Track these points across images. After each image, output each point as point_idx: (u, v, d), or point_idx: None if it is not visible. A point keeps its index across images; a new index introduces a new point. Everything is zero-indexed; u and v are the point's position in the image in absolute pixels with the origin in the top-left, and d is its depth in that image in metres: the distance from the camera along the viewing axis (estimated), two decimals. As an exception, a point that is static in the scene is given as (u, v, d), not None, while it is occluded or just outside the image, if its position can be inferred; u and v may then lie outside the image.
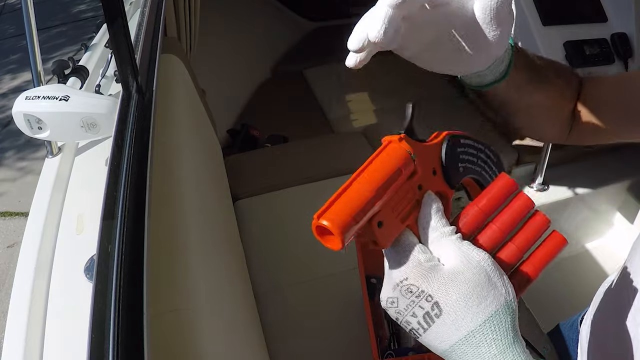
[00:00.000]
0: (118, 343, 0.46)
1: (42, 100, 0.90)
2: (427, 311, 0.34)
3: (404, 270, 0.36)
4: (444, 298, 0.34)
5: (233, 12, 2.40)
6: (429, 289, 0.34)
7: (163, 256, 0.68)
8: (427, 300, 0.34)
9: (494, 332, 0.34)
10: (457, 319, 0.34)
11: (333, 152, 1.66)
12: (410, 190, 0.37)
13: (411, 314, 0.35)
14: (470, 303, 0.34)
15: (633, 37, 1.53)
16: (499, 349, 0.34)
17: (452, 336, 0.34)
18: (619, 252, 1.76)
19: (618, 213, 1.80)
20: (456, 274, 0.35)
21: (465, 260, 0.35)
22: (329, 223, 0.32)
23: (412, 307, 0.35)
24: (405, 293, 0.35)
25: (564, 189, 1.71)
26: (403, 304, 0.35)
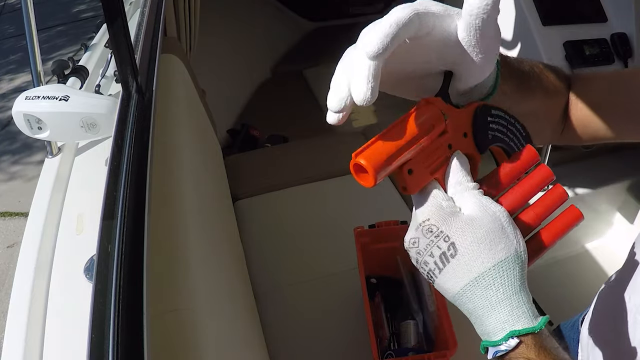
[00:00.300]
0: (118, 343, 0.46)
1: (42, 100, 0.90)
2: (443, 251, 0.37)
3: (426, 212, 0.38)
4: (460, 239, 0.37)
5: (233, 12, 2.40)
6: (447, 230, 0.37)
7: (163, 256, 0.68)
8: (444, 240, 0.37)
9: (502, 277, 0.36)
10: (470, 260, 0.36)
11: (333, 152, 1.66)
12: (440, 146, 0.41)
13: (429, 253, 0.38)
14: (482, 246, 0.37)
15: (633, 37, 1.52)
16: (505, 294, 0.36)
17: (465, 277, 0.37)
18: (619, 252, 1.76)
19: (618, 213, 1.80)
20: (473, 219, 0.37)
21: (483, 209, 0.38)
22: (365, 161, 0.36)
23: (430, 247, 0.38)
24: (426, 232, 0.38)
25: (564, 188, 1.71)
26: (423, 243, 0.38)
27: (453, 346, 0.84)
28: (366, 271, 1.00)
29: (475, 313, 0.37)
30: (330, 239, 1.27)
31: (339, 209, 1.39)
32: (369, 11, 3.05)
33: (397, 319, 1.04)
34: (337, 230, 1.22)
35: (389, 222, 1.05)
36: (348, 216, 1.30)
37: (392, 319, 1.06)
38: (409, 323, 1.00)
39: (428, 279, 0.40)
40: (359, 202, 1.40)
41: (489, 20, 0.37)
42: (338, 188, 1.47)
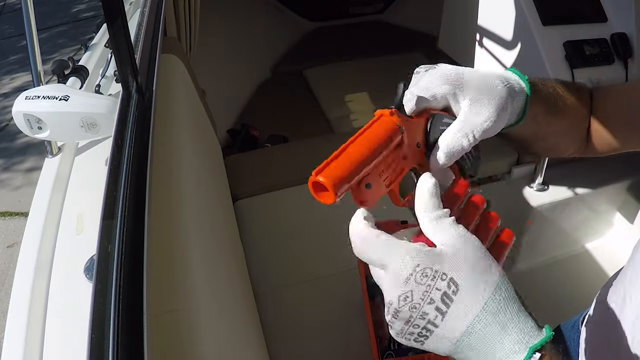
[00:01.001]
0: (118, 343, 0.46)
1: (42, 100, 0.90)
2: (444, 291, 0.34)
3: (411, 261, 0.35)
4: (457, 272, 0.35)
5: (233, 12, 2.40)
6: (442, 267, 0.35)
7: (163, 256, 0.68)
8: (442, 279, 0.34)
9: (505, 298, 0.35)
10: (473, 289, 0.34)
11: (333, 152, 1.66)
12: (396, 159, 0.42)
13: (428, 301, 0.34)
14: (478, 273, 0.35)
15: (633, 37, 1.53)
16: (513, 313, 0.35)
17: (472, 309, 0.34)
18: (619, 252, 1.76)
19: (618, 213, 1.80)
20: (458, 250, 0.36)
21: (463, 239, 0.36)
22: (324, 179, 0.36)
23: (429, 293, 0.35)
24: (420, 279, 0.35)
25: (564, 189, 1.71)
26: (418, 293, 0.35)
27: (453, 346, 0.84)
28: (366, 271, 1.00)
29: (484, 345, 0.34)
30: (330, 239, 1.26)
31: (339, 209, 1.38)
32: (368, 11, 3.06)
33: (397, 319, 1.04)
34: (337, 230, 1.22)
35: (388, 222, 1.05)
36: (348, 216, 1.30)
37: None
38: (409, 323, 1.00)
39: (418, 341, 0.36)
40: (359, 202, 1.40)
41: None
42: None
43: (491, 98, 0.45)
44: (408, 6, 3.03)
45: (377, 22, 3.06)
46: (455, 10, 2.01)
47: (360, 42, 2.84)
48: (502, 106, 0.46)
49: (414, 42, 2.68)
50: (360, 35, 2.92)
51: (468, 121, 0.44)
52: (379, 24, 3.06)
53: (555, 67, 1.48)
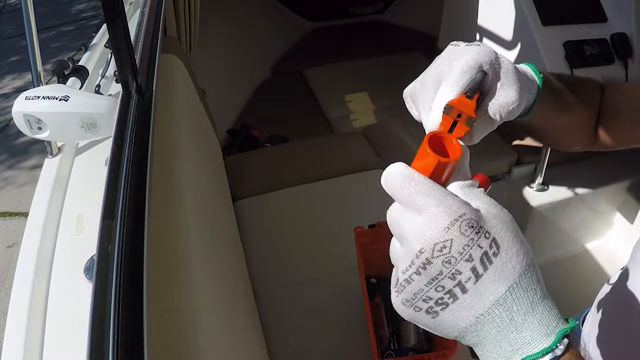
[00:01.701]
0: (118, 343, 0.46)
1: (41, 100, 0.90)
2: (485, 250, 0.30)
3: (458, 208, 0.31)
4: (502, 234, 0.31)
5: (233, 12, 2.40)
6: (486, 225, 0.31)
7: (163, 256, 0.68)
8: (485, 237, 0.31)
9: (536, 276, 0.32)
10: (513, 256, 0.31)
11: (333, 152, 1.66)
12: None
13: (467, 257, 0.30)
14: (519, 242, 0.32)
15: (633, 37, 1.53)
16: (542, 293, 0.32)
17: (508, 279, 0.31)
18: (618, 252, 1.76)
19: (618, 213, 1.80)
20: (498, 214, 0.33)
21: (498, 207, 0.34)
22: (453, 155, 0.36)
23: (469, 248, 0.30)
24: (465, 230, 0.30)
25: (564, 189, 1.71)
26: (459, 245, 0.30)
27: (453, 346, 0.84)
28: (366, 271, 1.00)
29: (510, 323, 0.31)
30: (330, 239, 1.27)
31: (339, 209, 1.39)
32: (368, 11, 3.06)
33: (397, 319, 1.04)
34: (337, 230, 1.22)
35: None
36: (348, 216, 1.30)
37: (392, 319, 1.06)
38: (409, 323, 1.00)
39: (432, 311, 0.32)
40: (359, 202, 1.40)
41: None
42: (338, 188, 1.47)
43: (518, 84, 0.46)
44: (408, 6, 3.03)
45: (377, 22, 3.06)
46: (455, 10, 2.01)
47: (360, 42, 2.84)
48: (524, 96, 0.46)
49: (414, 42, 2.68)
50: (360, 35, 2.92)
51: (500, 96, 0.45)
52: (379, 24, 3.06)
53: (555, 67, 1.48)
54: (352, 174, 1.51)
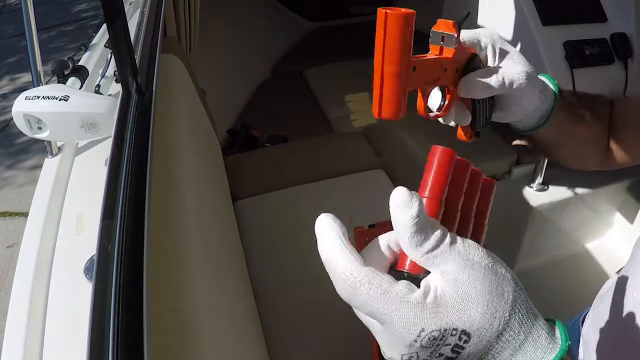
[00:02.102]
0: (118, 343, 0.46)
1: (41, 100, 0.90)
2: (455, 344, 0.31)
3: (415, 324, 0.30)
4: (468, 321, 0.30)
5: (233, 12, 2.40)
6: (451, 324, 0.30)
7: (163, 256, 0.68)
8: (451, 334, 0.30)
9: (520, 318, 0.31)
10: (486, 329, 0.31)
11: (333, 152, 1.66)
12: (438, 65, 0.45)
13: (437, 355, 0.31)
14: (491, 309, 0.31)
15: (633, 37, 1.53)
16: (526, 332, 0.31)
17: (486, 345, 0.31)
18: (618, 252, 1.76)
19: (618, 213, 1.80)
20: (465, 288, 0.31)
21: (470, 267, 0.31)
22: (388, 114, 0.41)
23: (437, 351, 0.31)
24: (427, 344, 0.30)
25: (564, 189, 1.71)
26: (424, 354, 0.31)
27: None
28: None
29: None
30: (330, 239, 1.26)
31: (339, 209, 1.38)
32: (368, 11, 3.05)
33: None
34: (337, 230, 1.22)
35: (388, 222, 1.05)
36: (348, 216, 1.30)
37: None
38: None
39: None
40: (359, 202, 1.40)
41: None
42: (338, 188, 1.47)
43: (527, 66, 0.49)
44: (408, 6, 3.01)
45: (377, 22, 3.06)
46: (455, 10, 2.01)
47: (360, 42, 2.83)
48: (534, 84, 0.50)
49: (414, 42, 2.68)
50: (360, 35, 2.91)
51: (504, 67, 0.49)
52: (379, 24, 3.05)
53: (555, 67, 1.49)
54: (352, 174, 1.51)
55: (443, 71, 0.46)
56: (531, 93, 0.50)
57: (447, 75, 0.46)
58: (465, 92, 0.48)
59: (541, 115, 0.54)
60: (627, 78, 1.52)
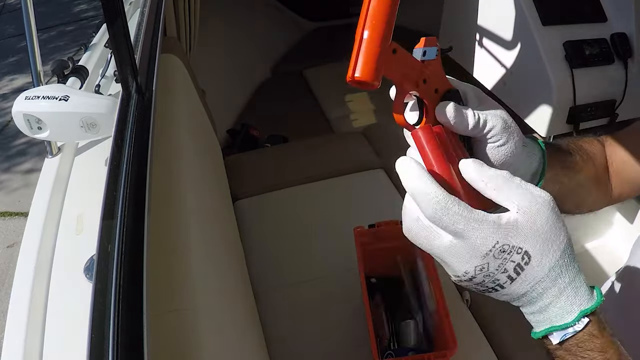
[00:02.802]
0: (118, 343, 0.46)
1: (41, 100, 0.90)
2: (517, 263, 0.37)
3: (490, 237, 0.37)
4: (532, 245, 0.37)
5: (233, 12, 2.40)
6: (518, 242, 0.37)
7: (163, 256, 0.68)
8: (517, 252, 0.37)
9: (567, 263, 0.38)
10: (542, 259, 0.37)
11: (333, 152, 1.66)
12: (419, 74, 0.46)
13: (502, 270, 0.37)
14: (550, 242, 0.37)
15: (633, 37, 1.52)
16: (570, 277, 0.38)
17: (537, 275, 0.38)
18: (618, 252, 1.75)
19: (618, 213, 1.79)
20: (533, 217, 0.37)
21: (535, 201, 0.38)
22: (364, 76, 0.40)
23: (503, 265, 0.37)
24: (498, 255, 0.37)
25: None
26: (494, 265, 0.37)
27: (453, 346, 0.84)
28: (366, 271, 1.00)
29: (538, 303, 0.39)
30: (330, 239, 1.26)
31: (339, 209, 1.39)
32: (369, 11, 3.05)
33: (397, 319, 1.04)
34: (337, 230, 1.22)
35: (388, 222, 1.05)
36: (348, 216, 1.30)
37: (392, 318, 1.06)
38: (409, 323, 1.00)
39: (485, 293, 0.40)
40: (359, 202, 1.40)
41: None
42: (338, 188, 1.47)
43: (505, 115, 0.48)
44: (408, 6, 3.01)
45: (377, 22, 3.06)
46: (455, 10, 2.01)
47: (360, 42, 2.84)
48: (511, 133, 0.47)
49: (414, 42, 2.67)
50: (360, 35, 2.92)
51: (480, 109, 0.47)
52: (379, 24, 3.05)
53: (555, 67, 1.48)
54: (352, 174, 1.51)
55: (422, 81, 0.46)
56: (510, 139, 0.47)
57: (426, 89, 0.46)
58: (441, 116, 0.46)
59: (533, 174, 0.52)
60: (627, 78, 1.52)
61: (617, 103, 1.55)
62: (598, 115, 1.56)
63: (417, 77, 0.46)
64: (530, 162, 0.51)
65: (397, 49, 0.43)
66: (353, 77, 0.40)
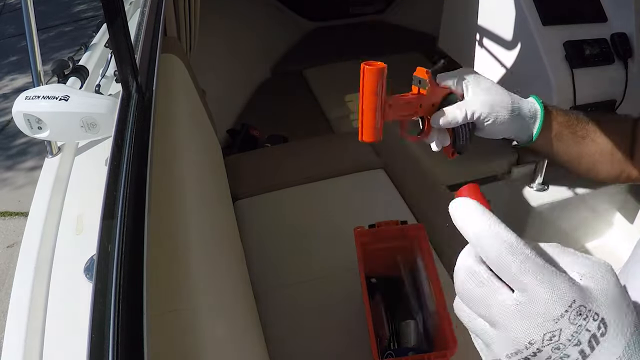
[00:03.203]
0: (118, 343, 0.46)
1: (42, 100, 0.90)
2: (593, 333, 0.29)
3: (568, 294, 0.29)
4: (608, 311, 0.30)
5: (233, 12, 2.40)
6: (596, 307, 0.29)
7: (163, 256, 0.68)
8: (594, 319, 0.29)
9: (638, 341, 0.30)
10: (619, 330, 0.30)
11: (333, 152, 1.66)
12: (414, 101, 0.60)
13: (575, 342, 0.29)
14: (624, 310, 0.30)
15: (633, 37, 1.53)
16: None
17: (613, 352, 0.30)
18: (618, 252, 1.76)
19: (618, 213, 1.80)
20: (601, 283, 0.31)
21: (598, 267, 0.31)
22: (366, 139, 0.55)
23: (578, 334, 0.29)
24: (574, 318, 0.29)
25: (564, 189, 1.71)
26: (569, 332, 0.29)
27: (453, 346, 0.84)
28: (366, 271, 1.00)
29: None
30: (330, 239, 1.27)
31: (339, 209, 1.39)
32: (368, 11, 3.06)
33: (397, 319, 1.04)
34: (337, 230, 1.22)
35: (389, 222, 1.05)
36: (348, 216, 1.30)
37: (392, 318, 1.06)
38: (409, 323, 1.00)
39: None
40: (359, 202, 1.40)
41: None
42: (338, 188, 1.47)
43: (492, 94, 0.62)
44: (408, 6, 3.02)
45: (377, 22, 3.06)
46: (455, 10, 2.01)
47: (360, 42, 2.84)
48: (499, 110, 0.61)
49: (414, 42, 2.68)
50: (360, 35, 2.92)
51: (470, 100, 0.61)
52: (379, 24, 3.06)
53: (555, 67, 1.49)
54: (352, 174, 1.51)
55: (419, 106, 0.60)
56: (499, 117, 0.61)
57: (423, 109, 0.60)
58: (434, 123, 0.61)
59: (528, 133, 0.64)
60: (627, 78, 1.52)
61: (617, 103, 1.55)
62: (598, 115, 1.56)
63: (415, 107, 0.60)
64: (527, 124, 0.63)
65: (393, 102, 0.57)
66: (362, 139, 0.56)
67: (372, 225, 1.06)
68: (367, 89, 0.53)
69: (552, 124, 0.64)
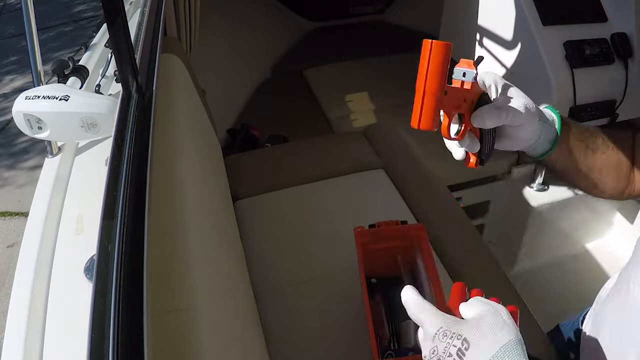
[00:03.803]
0: (118, 343, 0.46)
1: (42, 100, 0.90)
2: (459, 347, 0.46)
3: (436, 323, 0.49)
4: (469, 333, 0.46)
5: (233, 12, 2.40)
6: (458, 330, 0.47)
7: (163, 256, 0.68)
8: (457, 338, 0.46)
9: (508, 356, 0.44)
10: (481, 347, 0.45)
11: (333, 152, 1.66)
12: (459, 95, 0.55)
13: (448, 354, 0.46)
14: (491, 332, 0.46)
15: (633, 37, 1.53)
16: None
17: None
18: (618, 252, 1.76)
19: (618, 213, 1.80)
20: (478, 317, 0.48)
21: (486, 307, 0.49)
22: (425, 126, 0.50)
23: (448, 347, 0.46)
24: (441, 338, 0.47)
25: (564, 189, 1.71)
26: (441, 347, 0.47)
27: (453, 346, 0.84)
28: (366, 271, 1.00)
29: None
30: (330, 239, 1.26)
31: (339, 209, 1.39)
32: (368, 11, 3.06)
33: (397, 319, 1.04)
34: (337, 230, 1.22)
35: (389, 222, 1.05)
36: (348, 216, 1.30)
37: (392, 319, 1.06)
38: (409, 323, 1.00)
39: None
40: (359, 202, 1.40)
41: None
42: (338, 188, 1.47)
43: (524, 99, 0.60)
44: (408, 6, 3.02)
45: (377, 22, 3.06)
46: (455, 10, 2.01)
47: (360, 42, 2.84)
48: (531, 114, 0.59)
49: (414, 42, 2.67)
50: (360, 35, 2.92)
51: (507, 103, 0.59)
52: (379, 24, 3.06)
53: (555, 67, 1.49)
54: (352, 174, 1.51)
55: (463, 101, 0.56)
56: (530, 121, 0.59)
57: (465, 105, 0.56)
58: (477, 122, 0.57)
59: (547, 143, 0.63)
60: (627, 78, 1.52)
61: (617, 103, 1.55)
62: (598, 115, 1.56)
63: (461, 100, 0.55)
64: (545, 133, 0.61)
65: (448, 89, 0.51)
66: (418, 127, 0.50)
67: (372, 225, 1.06)
68: (434, 67, 0.47)
69: (569, 134, 0.63)
